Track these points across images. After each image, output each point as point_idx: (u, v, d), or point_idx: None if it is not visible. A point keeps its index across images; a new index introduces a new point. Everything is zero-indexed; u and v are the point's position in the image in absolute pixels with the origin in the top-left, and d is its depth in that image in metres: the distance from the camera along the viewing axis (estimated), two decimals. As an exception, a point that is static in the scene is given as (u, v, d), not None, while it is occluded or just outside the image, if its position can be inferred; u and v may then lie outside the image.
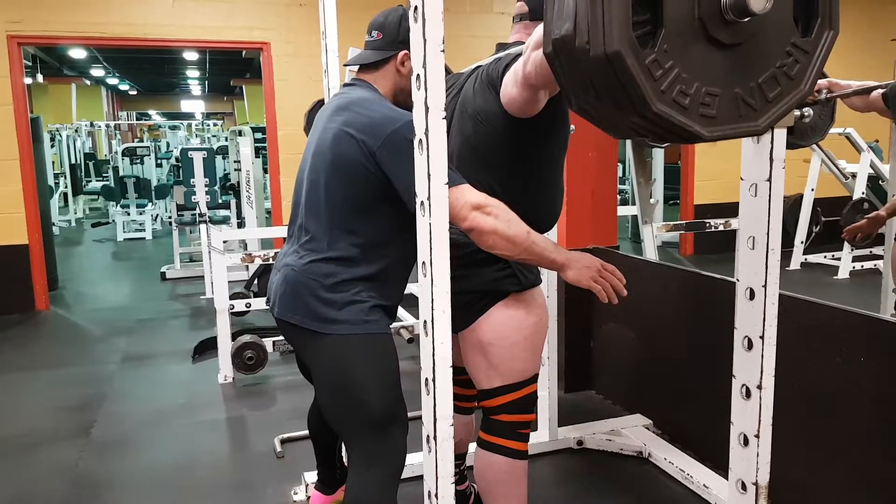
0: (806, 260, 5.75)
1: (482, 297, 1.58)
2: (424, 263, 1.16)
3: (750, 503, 1.30)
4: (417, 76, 1.12)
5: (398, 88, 1.60)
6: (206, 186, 5.88)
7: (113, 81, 17.60)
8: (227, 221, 7.13)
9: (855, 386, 1.83)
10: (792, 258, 5.65)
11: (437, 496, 1.21)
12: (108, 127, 14.85)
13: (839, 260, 5.48)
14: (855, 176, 5.29)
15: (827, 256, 5.79)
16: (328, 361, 1.51)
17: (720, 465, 2.26)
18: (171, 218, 7.28)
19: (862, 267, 5.41)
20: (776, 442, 1.30)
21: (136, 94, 21.50)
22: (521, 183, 1.56)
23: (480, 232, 1.35)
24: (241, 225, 6.55)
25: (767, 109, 0.90)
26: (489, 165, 1.54)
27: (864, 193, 5.19)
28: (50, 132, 10.38)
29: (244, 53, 6.68)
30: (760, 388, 1.26)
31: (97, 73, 15.61)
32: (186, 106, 23.70)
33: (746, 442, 1.29)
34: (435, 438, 1.18)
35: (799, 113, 1.08)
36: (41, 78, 13.22)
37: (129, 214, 8.98)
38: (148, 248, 8.23)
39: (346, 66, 1.74)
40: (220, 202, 6.87)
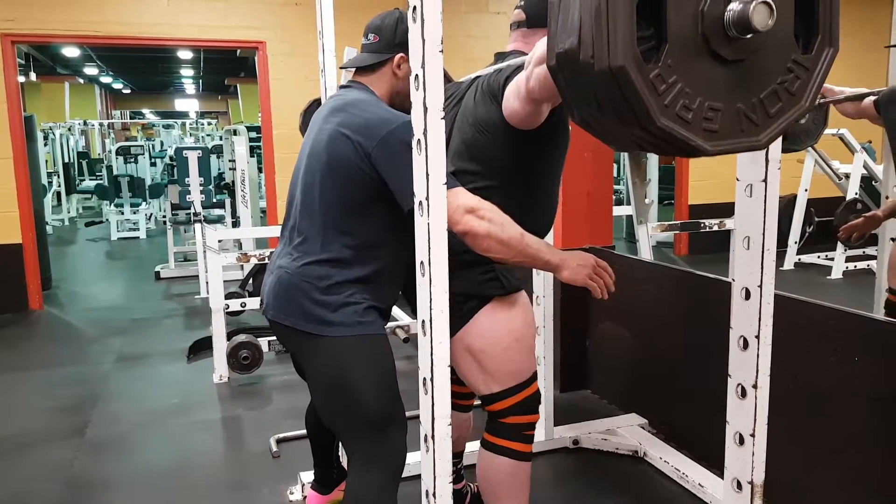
0: (799, 260, 5.78)
1: (466, 300, 1.56)
2: (423, 263, 1.16)
3: (745, 502, 1.31)
4: (416, 76, 1.12)
5: (394, 91, 1.60)
6: (200, 186, 5.86)
7: (106, 80, 17.51)
8: (221, 221, 7.11)
9: (849, 385, 1.84)
10: (785, 258, 5.68)
11: (434, 495, 1.21)
12: (101, 126, 14.76)
13: (832, 260, 5.51)
14: (848, 176, 5.32)
15: (820, 256, 5.83)
16: (323, 363, 1.51)
17: (715, 464, 2.27)
18: (165, 217, 7.25)
19: (855, 267, 5.44)
20: (771, 441, 1.30)
21: (129, 92, 21.40)
22: (519, 191, 1.56)
23: (475, 235, 1.36)
24: (235, 224, 6.54)
25: (769, 124, 0.91)
26: (488, 172, 1.55)
27: (857, 194, 5.22)
28: (43, 131, 10.31)
29: (239, 52, 6.66)
30: (756, 387, 1.27)
31: (91, 71, 15.53)
32: (180, 105, 23.59)
33: (742, 441, 1.30)
34: (433, 438, 1.18)
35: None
36: (34, 76, 13.13)
37: (122, 213, 8.93)
38: (142, 247, 8.19)
39: (342, 68, 1.74)
40: (214, 201, 6.85)
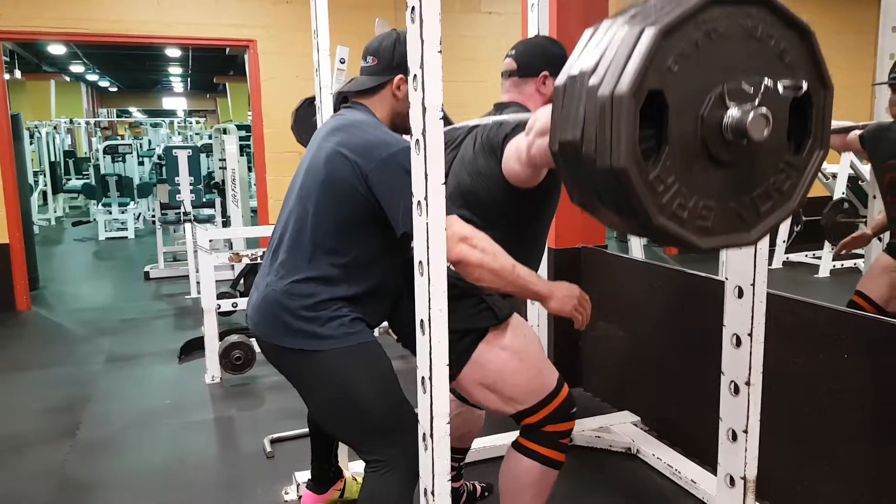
0: (788, 259, 5.85)
1: (462, 336, 1.53)
2: (421, 263, 1.17)
3: (738, 498, 1.33)
4: (415, 76, 1.12)
5: (395, 112, 1.59)
6: (190, 185, 5.82)
7: (93, 78, 17.32)
8: (211, 220, 7.07)
9: (839, 382, 1.87)
10: (774, 257, 5.73)
11: (433, 493, 1.22)
12: (87, 124, 14.61)
13: (820, 259, 5.58)
14: (835, 176, 5.38)
15: (808, 255, 5.90)
16: (320, 379, 1.50)
17: (707, 460, 2.29)
18: (153, 217, 7.20)
19: (842, 265, 5.52)
20: (763, 437, 1.32)
21: (116, 90, 21.19)
22: (511, 234, 1.56)
23: (467, 264, 1.36)
24: (225, 224, 6.50)
25: (759, 222, 0.93)
26: (482, 219, 1.54)
27: (844, 194, 5.27)
28: (28, 129, 10.19)
29: (228, 50, 6.62)
30: (749, 384, 1.29)
31: (77, 69, 15.35)
32: (168, 103, 23.37)
33: (735, 437, 1.32)
34: (431, 437, 1.19)
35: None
36: (19, 74, 12.98)
37: (110, 213, 8.85)
38: (130, 247, 8.13)
39: (340, 92, 1.71)
40: (204, 201, 6.82)
